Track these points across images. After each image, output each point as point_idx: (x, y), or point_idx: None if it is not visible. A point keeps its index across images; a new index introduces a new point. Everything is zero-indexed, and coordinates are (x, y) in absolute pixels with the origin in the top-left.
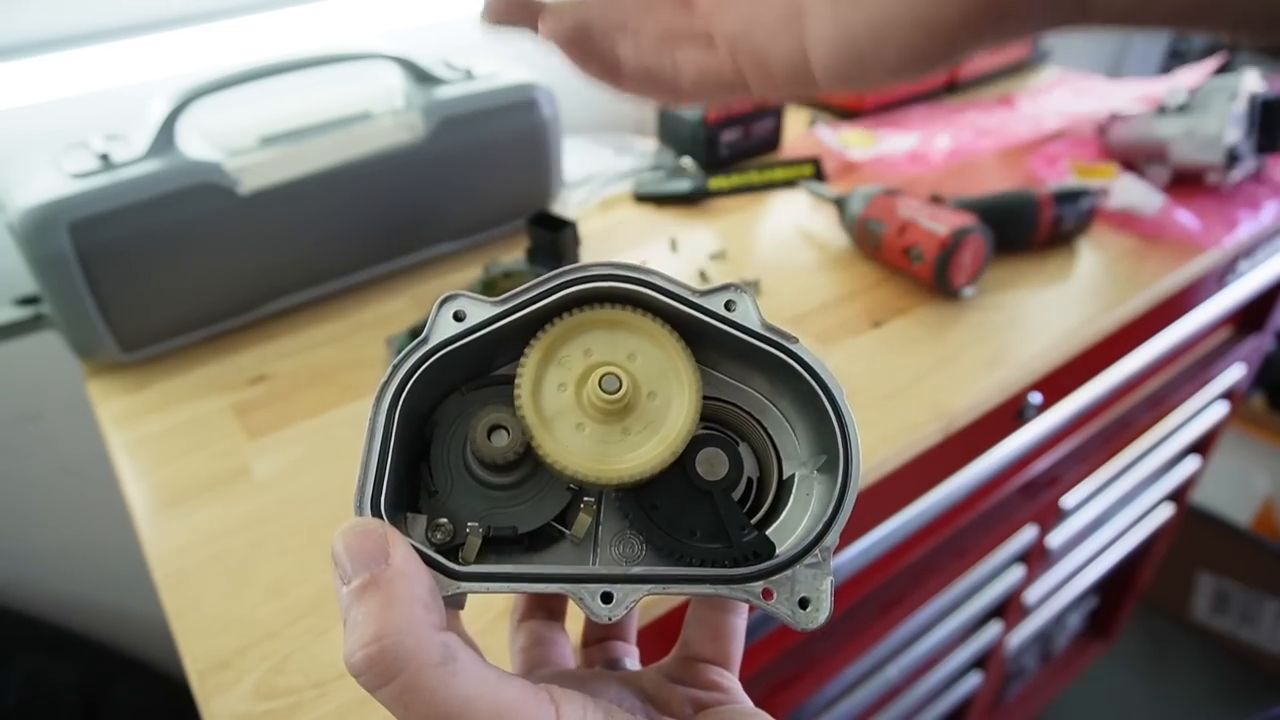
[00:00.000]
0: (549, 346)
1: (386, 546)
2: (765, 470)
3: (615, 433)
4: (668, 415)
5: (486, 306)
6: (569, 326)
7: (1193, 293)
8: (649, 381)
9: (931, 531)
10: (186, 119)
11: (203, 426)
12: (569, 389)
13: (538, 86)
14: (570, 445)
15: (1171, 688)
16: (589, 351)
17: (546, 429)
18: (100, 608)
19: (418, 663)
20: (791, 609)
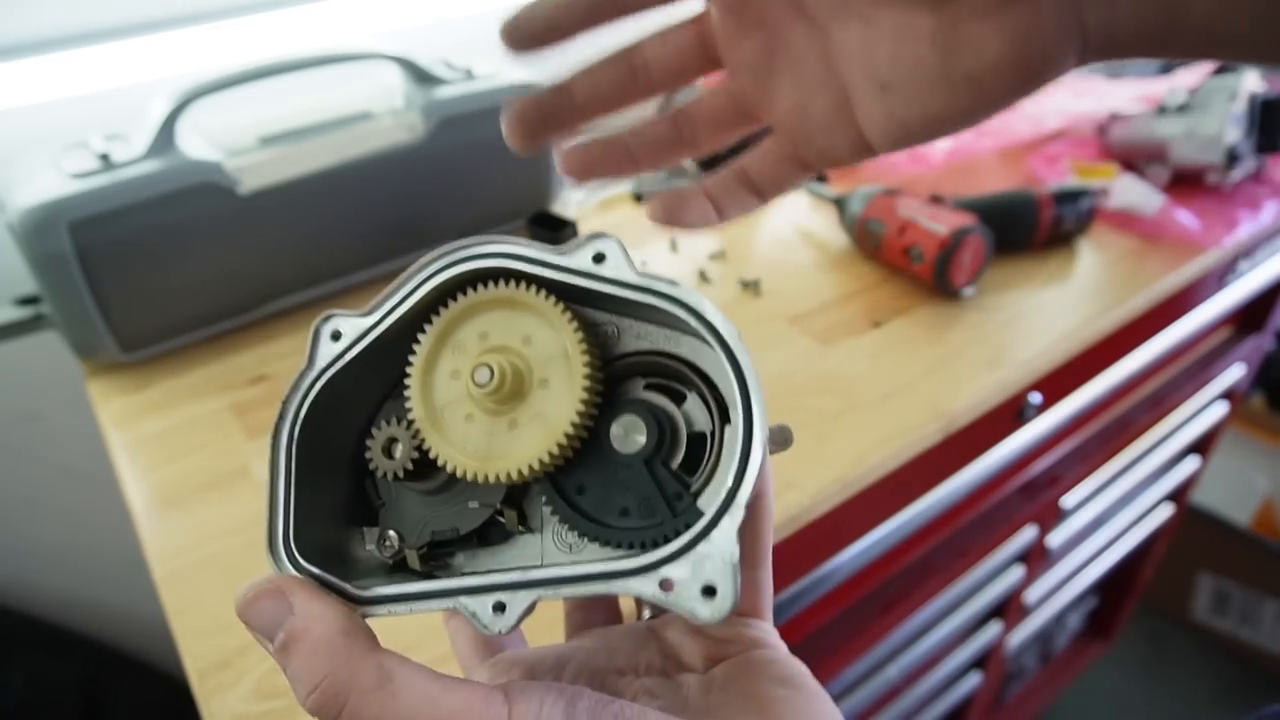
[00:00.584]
0: (444, 331)
1: (286, 599)
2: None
3: (503, 425)
4: (555, 404)
5: (358, 320)
6: (464, 308)
7: (1193, 293)
8: (541, 367)
9: (931, 531)
10: (186, 119)
11: (203, 426)
12: (462, 377)
13: (538, 86)
14: (458, 440)
15: (1171, 688)
16: (485, 335)
17: (436, 425)
18: (100, 607)
19: (357, 691)
20: (692, 601)
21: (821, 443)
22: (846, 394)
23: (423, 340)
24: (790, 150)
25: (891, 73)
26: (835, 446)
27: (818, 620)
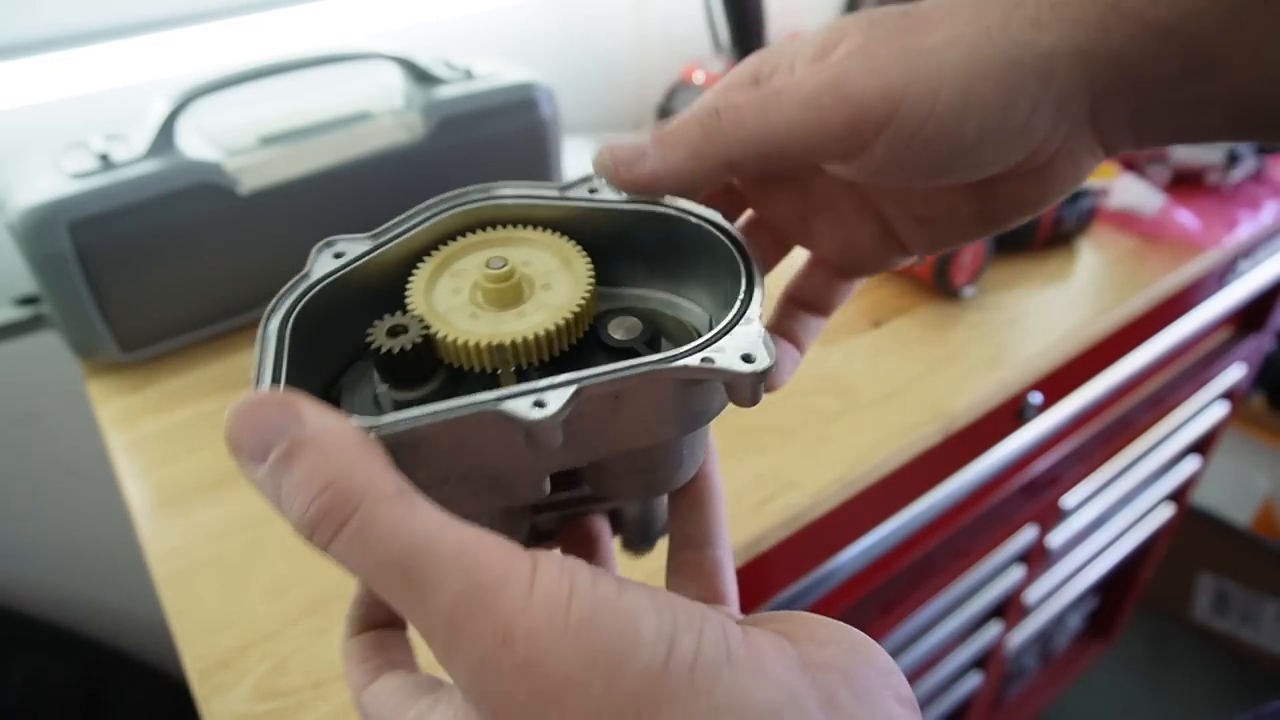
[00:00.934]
0: (445, 259)
1: (294, 410)
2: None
3: (510, 316)
4: (561, 295)
5: (363, 242)
6: (466, 244)
7: (1193, 293)
8: (542, 277)
9: (931, 531)
10: (186, 119)
11: (203, 426)
12: (463, 293)
13: (538, 86)
14: (464, 327)
15: (1171, 688)
16: (486, 263)
17: (439, 317)
18: (100, 607)
19: (372, 496)
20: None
21: (821, 443)
22: (846, 394)
23: (423, 266)
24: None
25: (928, 210)
26: (835, 446)
27: None
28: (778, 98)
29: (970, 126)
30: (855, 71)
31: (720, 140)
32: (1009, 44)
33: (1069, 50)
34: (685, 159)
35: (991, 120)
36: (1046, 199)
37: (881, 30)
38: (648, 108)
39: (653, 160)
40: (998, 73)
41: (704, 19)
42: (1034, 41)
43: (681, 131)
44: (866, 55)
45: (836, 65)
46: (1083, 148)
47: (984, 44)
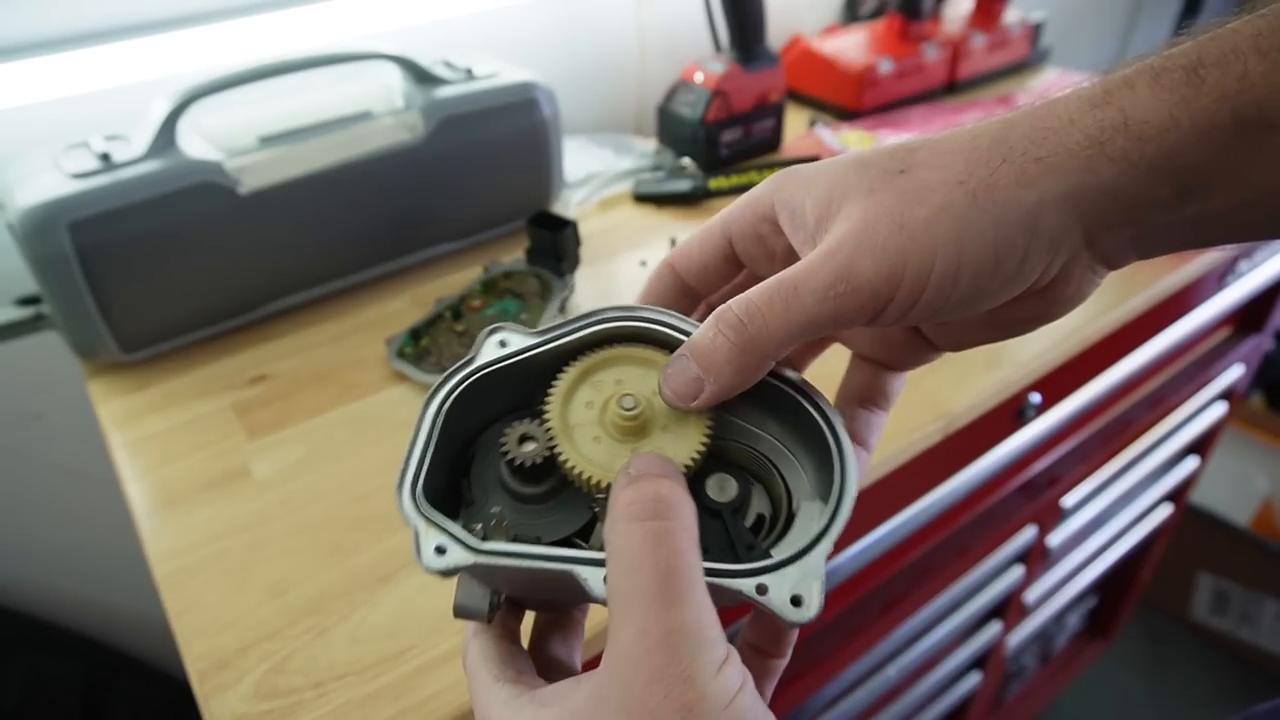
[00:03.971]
0: (586, 369)
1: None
2: (777, 508)
3: (626, 451)
4: (676, 446)
5: (528, 336)
6: (608, 357)
7: (1192, 293)
8: (667, 418)
9: (931, 531)
10: (186, 119)
11: (203, 426)
12: (595, 407)
13: (538, 86)
14: (584, 452)
15: (1171, 688)
16: (620, 381)
17: (567, 435)
18: (101, 607)
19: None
20: (782, 605)
21: None
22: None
23: (567, 371)
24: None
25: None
26: None
27: (818, 620)
28: (796, 295)
29: (963, 284)
30: (858, 256)
31: (756, 349)
32: (994, 205)
33: (1055, 198)
34: (734, 375)
35: (982, 277)
36: (1053, 314)
37: (879, 203)
38: (648, 108)
39: (710, 388)
40: (986, 235)
41: (704, 19)
42: (1019, 199)
43: (720, 353)
44: (867, 235)
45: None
46: (1082, 270)
47: (971, 210)
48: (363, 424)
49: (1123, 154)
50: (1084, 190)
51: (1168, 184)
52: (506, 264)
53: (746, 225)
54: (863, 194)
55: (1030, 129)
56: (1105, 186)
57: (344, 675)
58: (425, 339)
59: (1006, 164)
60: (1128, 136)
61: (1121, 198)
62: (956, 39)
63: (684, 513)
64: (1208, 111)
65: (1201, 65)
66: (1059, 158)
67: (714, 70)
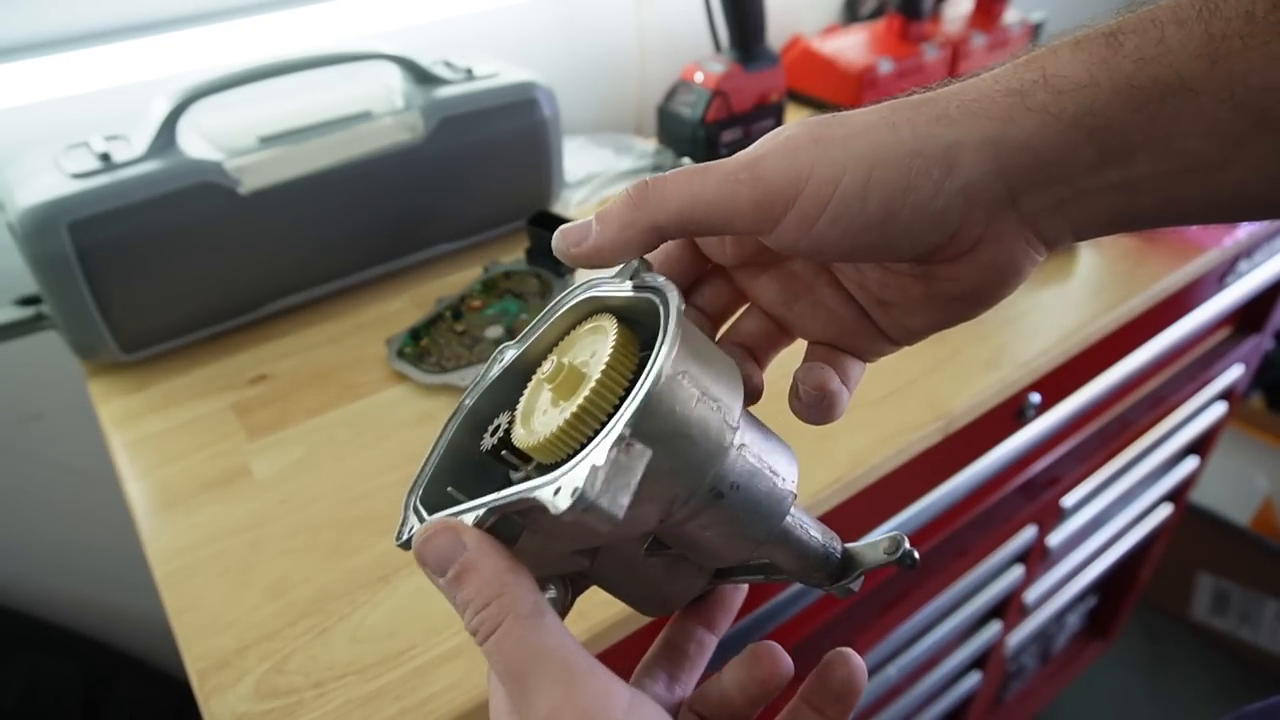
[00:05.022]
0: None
1: (460, 536)
2: None
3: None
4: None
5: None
6: (572, 339)
7: (1192, 293)
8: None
9: (931, 531)
10: (187, 119)
11: (203, 426)
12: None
13: (538, 86)
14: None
15: (1171, 688)
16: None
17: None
18: (101, 607)
19: (513, 614)
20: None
21: (821, 443)
22: None
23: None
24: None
25: (884, 293)
26: (835, 446)
27: (818, 620)
28: (702, 172)
29: (872, 206)
30: (771, 155)
31: (648, 209)
32: (913, 137)
33: (974, 141)
34: (619, 230)
35: (894, 202)
36: (989, 289)
37: (805, 126)
38: (648, 108)
39: (593, 236)
40: (899, 160)
41: (704, 19)
42: (938, 134)
43: (614, 207)
44: (785, 143)
45: (757, 149)
46: (1011, 234)
47: (889, 135)
48: (363, 424)
49: (1042, 106)
50: (1004, 139)
51: (1089, 143)
52: (506, 264)
53: None
54: (795, 125)
55: (958, 88)
56: (1026, 139)
57: (344, 675)
58: (425, 339)
59: (929, 105)
60: (1047, 90)
61: (1042, 151)
62: (956, 39)
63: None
64: (1125, 72)
65: (1120, 32)
66: (980, 105)
67: (714, 70)
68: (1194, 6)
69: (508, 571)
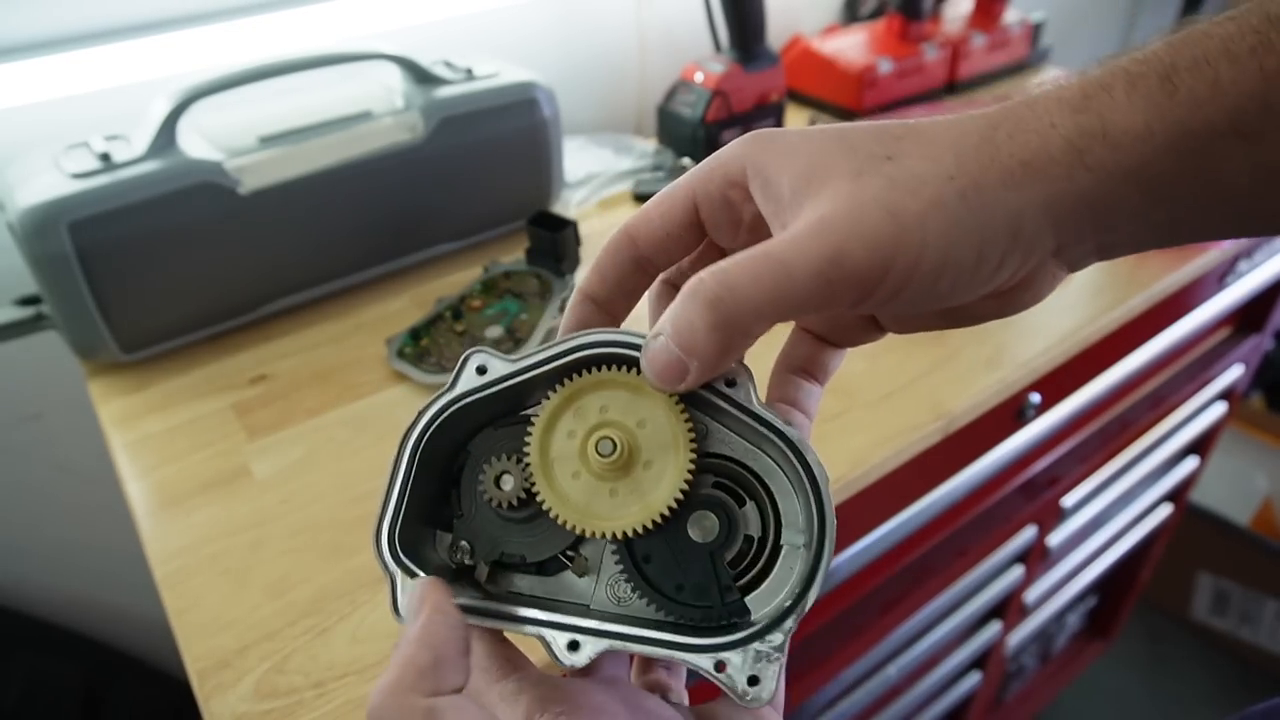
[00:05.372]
0: (570, 395)
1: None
2: (766, 532)
3: (604, 490)
4: (656, 487)
5: (506, 363)
6: (593, 381)
7: (1192, 293)
8: (649, 451)
9: (931, 531)
10: (187, 119)
11: (203, 426)
12: (577, 437)
13: (538, 86)
14: (562, 491)
15: (1171, 688)
16: (605, 408)
17: (546, 473)
18: (101, 607)
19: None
20: (741, 684)
21: (821, 443)
22: (846, 394)
23: (551, 398)
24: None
25: None
26: (835, 446)
27: (818, 620)
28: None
29: (944, 283)
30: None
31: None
32: (981, 207)
33: (1037, 205)
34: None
35: (963, 275)
36: (1006, 312)
37: (868, 187)
38: (648, 108)
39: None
40: (971, 237)
41: (704, 19)
42: (1005, 202)
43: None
44: (858, 221)
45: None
46: (1046, 274)
47: (961, 210)
48: (363, 424)
49: (1100, 163)
50: (1062, 199)
51: (1139, 192)
52: (506, 264)
53: (715, 190)
54: (849, 176)
55: (1014, 129)
56: (1082, 195)
57: (344, 675)
58: (425, 339)
59: (994, 164)
60: (1105, 145)
61: (1095, 205)
62: (956, 39)
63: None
64: (1181, 120)
65: (1175, 71)
66: (1042, 163)
67: (714, 70)
68: (1246, 41)
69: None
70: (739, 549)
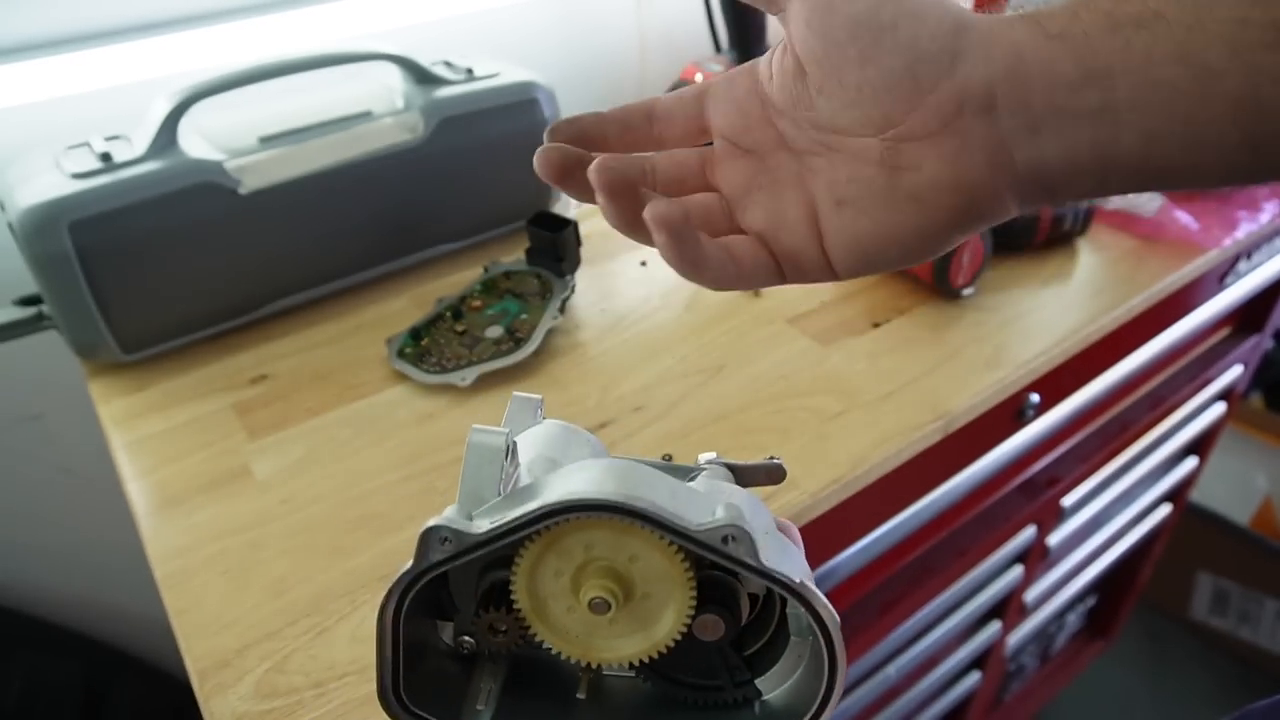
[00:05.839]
0: (550, 542)
1: None
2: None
3: (603, 623)
4: (659, 618)
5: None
6: (571, 527)
7: (1192, 293)
8: (645, 584)
9: (931, 531)
10: (187, 119)
11: (203, 426)
12: (565, 575)
13: (538, 86)
14: (559, 628)
15: (1171, 687)
16: (590, 546)
17: (540, 614)
18: (101, 607)
19: None
20: None
21: (821, 443)
22: (846, 394)
23: (529, 547)
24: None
25: (846, 190)
26: (835, 446)
27: None
28: None
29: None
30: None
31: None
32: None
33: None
34: None
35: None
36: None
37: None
38: None
39: None
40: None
41: (704, 19)
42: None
43: None
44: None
45: None
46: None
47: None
48: (363, 424)
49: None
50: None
51: (1069, 58)
52: (507, 264)
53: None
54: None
55: None
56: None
57: (344, 675)
58: (425, 339)
59: None
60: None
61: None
62: None
63: None
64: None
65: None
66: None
67: (714, 70)
68: None
69: None
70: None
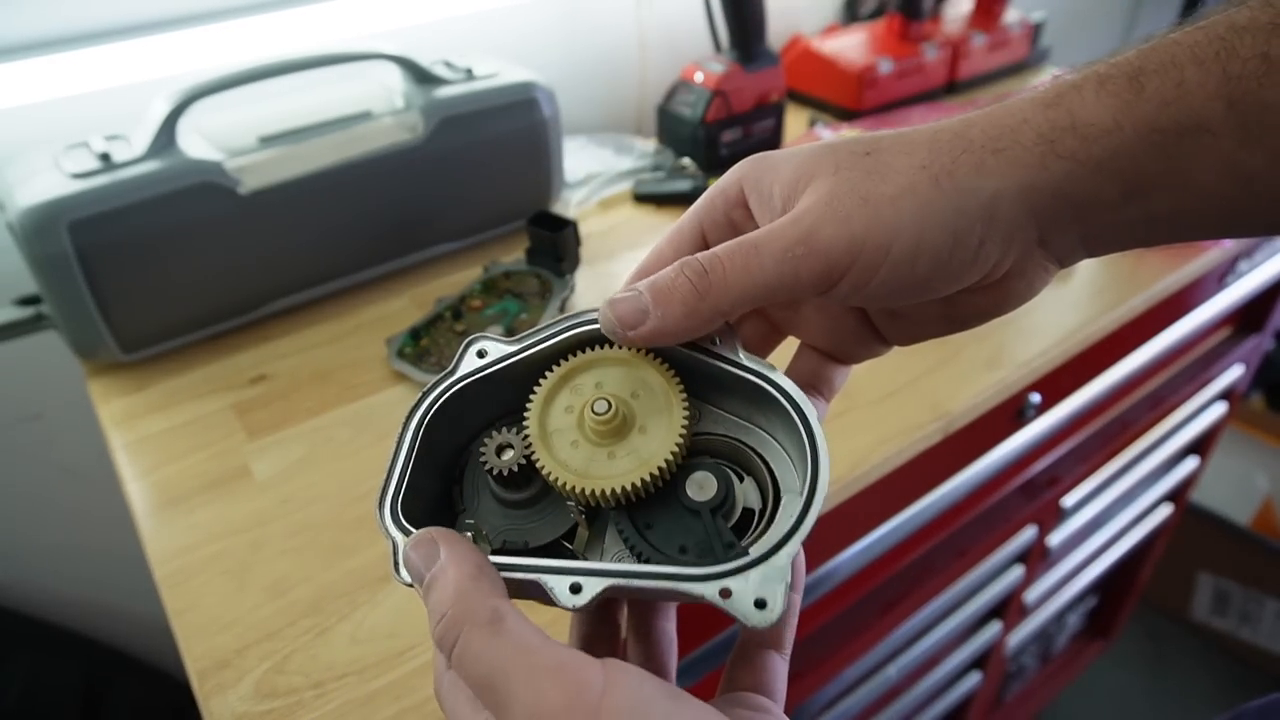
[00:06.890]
0: (566, 374)
1: (437, 547)
2: (767, 501)
3: (602, 454)
4: (653, 445)
5: (506, 345)
6: (587, 361)
7: (1192, 293)
8: (644, 417)
9: (931, 531)
10: (187, 119)
11: (203, 426)
12: (574, 412)
13: (538, 86)
14: (561, 458)
15: (1171, 688)
16: (600, 384)
17: (545, 443)
18: (101, 607)
19: (469, 624)
20: (747, 608)
21: None
22: (846, 394)
23: (549, 376)
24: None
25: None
26: (835, 446)
27: (818, 620)
28: (757, 253)
29: (921, 267)
30: (822, 225)
31: (711, 298)
32: (955, 191)
33: (1011, 190)
34: (683, 318)
35: (940, 261)
36: (1004, 308)
37: (845, 179)
38: (648, 108)
39: (653, 321)
40: (945, 220)
41: (704, 19)
42: (979, 187)
43: (677, 291)
44: (831, 206)
45: (806, 217)
46: (1034, 266)
47: (933, 193)
48: (363, 424)
49: (1071, 153)
50: (1037, 185)
51: (1113, 184)
52: (506, 264)
53: (718, 213)
54: (829, 171)
55: (988, 125)
56: (1056, 184)
57: (344, 675)
58: (425, 339)
59: (967, 154)
60: (1075, 136)
61: (1071, 196)
62: (956, 39)
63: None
64: (1148, 116)
65: (1143, 73)
66: (1015, 152)
67: (714, 70)
68: (1212, 47)
69: (471, 579)
70: (739, 519)
